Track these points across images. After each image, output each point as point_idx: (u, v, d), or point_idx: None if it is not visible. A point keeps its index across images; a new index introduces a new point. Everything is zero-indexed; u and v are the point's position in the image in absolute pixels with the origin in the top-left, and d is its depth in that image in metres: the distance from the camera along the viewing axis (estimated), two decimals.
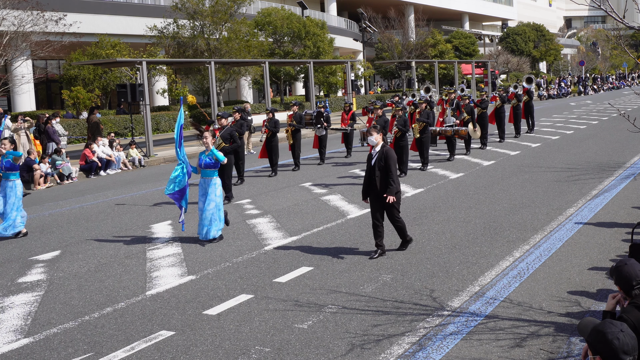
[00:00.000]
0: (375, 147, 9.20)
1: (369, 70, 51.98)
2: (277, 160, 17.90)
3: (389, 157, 9.05)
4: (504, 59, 60.93)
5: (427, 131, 17.13)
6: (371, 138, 9.21)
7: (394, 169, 9.05)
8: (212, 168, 10.72)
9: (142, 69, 24.11)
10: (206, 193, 10.62)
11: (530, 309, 7.05)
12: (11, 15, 24.33)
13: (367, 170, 9.31)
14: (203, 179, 10.76)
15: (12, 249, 11.05)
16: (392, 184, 9.01)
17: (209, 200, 10.56)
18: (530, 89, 25.35)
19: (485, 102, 21.70)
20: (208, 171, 10.73)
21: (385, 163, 9.03)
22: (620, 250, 9.06)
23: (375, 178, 9.04)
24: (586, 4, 7.79)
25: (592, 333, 3.54)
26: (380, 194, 9.07)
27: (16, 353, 6.59)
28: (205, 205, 10.58)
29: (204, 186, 10.71)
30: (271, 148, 17.75)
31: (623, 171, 15.58)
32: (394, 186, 9.02)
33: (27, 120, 20.50)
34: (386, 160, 9.04)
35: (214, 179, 10.69)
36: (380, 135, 9.26)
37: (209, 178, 10.70)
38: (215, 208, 10.58)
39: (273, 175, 17.65)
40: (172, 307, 7.66)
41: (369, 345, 6.30)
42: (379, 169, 9.04)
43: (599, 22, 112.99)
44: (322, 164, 19.50)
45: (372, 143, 9.25)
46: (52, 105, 39.41)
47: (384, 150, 9.13)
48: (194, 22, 34.99)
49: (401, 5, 64.80)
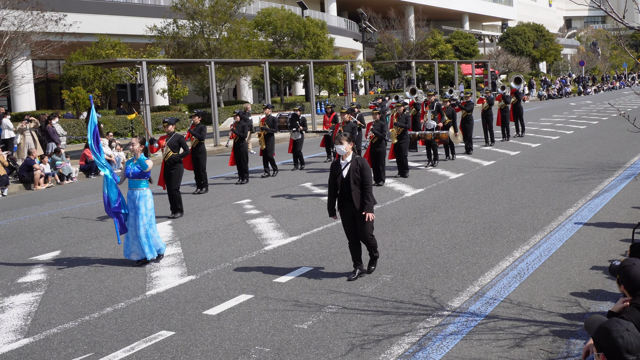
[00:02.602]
0: (345, 157, 8.20)
1: (369, 70, 51.98)
2: (247, 167, 16.88)
3: (365, 169, 8.11)
4: (504, 59, 60.94)
5: (406, 136, 16.13)
6: (340, 147, 8.15)
7: (371, 182, 8.22)
8: (140, 178, 9.54)
9: (142, 69, 24.11)
10: (136, 207, 9.45)
11: (530, 309, 7.05)
12: (11, 15, 24.32)
13: (333, 183, 8.22)
14: (131, 191, 9.57)
15: (12, 249, 11.05)
16: (369, 200, 8.11)
17: (139, 214, 9.40)
18: (518, 90, 24.15)
19: (470, 104, 20.31)
20: (136, 181, 9.54)
21: (361, 175, 8.07)
22: (620, 250, 9.06)
23: (352, 192, 8.06)
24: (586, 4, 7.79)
25: (597, 330, 3.56)
26: (357, 212, 8.11)
27: (16, 353, 6.59)
28: (135, 221, 9.43)
29: (132, 199, 9.51)
30: (240, 154, 16.64)
31: (623, 171, 15.58)
32: (371, 201, 8.15)
33: (33, 120, 20.51)
34: (362, 172, 8.08)
35: (143, 191, 9.54)
36: (351, 144, 8.21)
37: (138, 189, 9.52)
38: (148, 224, 9.44)
39: (245, 182, 16.61)
40: (172, 307, 7.66)
41: (369, 345, 6.30)
42: (354, 182, 8.06)
43: (599, 22, 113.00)
44: (297, 170, 18.55)
45: (341, 153, 8.18)
46: (52, 105, 39.40)
47: (359, 162, 8.15)
48: (193, 22, 35.00)
49: (401, 5, 64.80)
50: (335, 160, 8.35)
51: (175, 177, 12.83)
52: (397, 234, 10.55)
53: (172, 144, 12.93)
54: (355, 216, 8.15)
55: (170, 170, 12.85)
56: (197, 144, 15.14)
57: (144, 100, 23.59)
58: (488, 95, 22.06)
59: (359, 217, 8.12)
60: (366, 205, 8.07)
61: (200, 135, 15.09)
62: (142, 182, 9.56)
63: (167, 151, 12.90)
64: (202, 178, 15.41)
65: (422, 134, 17.60)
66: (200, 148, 15.19)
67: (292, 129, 18.65)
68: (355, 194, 8.06)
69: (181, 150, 12.91)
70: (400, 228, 10.98)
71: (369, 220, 8.10)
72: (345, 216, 8.26)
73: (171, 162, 12.86)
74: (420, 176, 16.37)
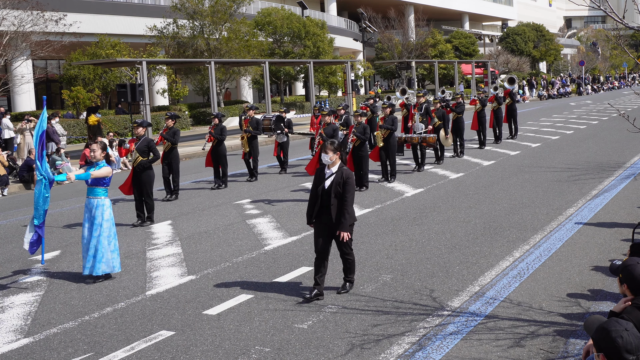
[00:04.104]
0: (331, 167, 7.68)
1: (369, 70, 51.99)
2: (227, 170, 16.16)
3: (348, 184, 7.55)
4: (504, 59, 60.93)
5: (393, 139, 15.41)
6: (325, 157, 7.66)
7: (352, 197, 7.61)
8: (99, 185, 8.88)
9: (142, 69, 24.13)
10: (93, 217, 8.82)
11: (530, 309, 7.05)
12: (11, 15, 24.34)
13: (315, 192, 7.70)
14: (88, 199, 8.92)
15: (12, 248, 11.05)
16: (347, 216, 7.54)
17: (95, 225, 8.76)
18: (512, 90, 23.39)
19: (461, 106, 19.32)
20: (96, 189, 8.88)
21: (343, 189, 7.54)
22: (621, 250, 9.06)
23: (331, 206, 7.53)
24: (586, 4, 7.79)
25: (597, 330, 3.56)
26: (334, 226, 7.59)
27: (16, 353, 6.59)
28: (91, 233, 8.79)
29: (89, 208, 8.89)
30: (218, 157, 15.91)
31: (623, 171, 15.58)
32: (348, 218, 7.56)
33: (32, 120, 20.51)
34: (345, 186, 7.54)
35: (101, 199, 8.88)
36: (337, 154, 7.67)
37: (96, 198, 8.88)
38: (104, 236, 8.78)
39: (223, 187, 15.93)
40: (172, 307, 7.66)
41: (368, 345, 6.30)
42: (335, 195, 7.54)
43: (599, 22, 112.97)
44: (284, 173, 17.91)
45: (325, 162, 7.68)
46: (52, 105, 39.38)
47: (344, 174, 7.59)
48: (193, 22, 35.00)
49: (401, 5, 64.78)
50: (321, 168, 7.82)
51: (145, 183, 12.12)
52: (397, 234, 10.56)
53: (141, 149, 12.18)
54: (332, 229, 7.61)
55: (139, 176, 12.11)
56: (169, 148, 14.47)
57: (144, 100, 23.60)
58: (480, 96, 21.35)
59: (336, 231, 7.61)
60: (342, 224, 7.52)
61: (173, 139, 14.34)
62: (101, 191, 8.90)
63: (136, 156, 12.14)
64: (174, 184, 14.67)
65: (408, 137, 16.86)
66: (173, 153, 14.50)
67: (276, 131, 18.02)
68: (334, 208, 7.55)
69: (151, 155, 12.21)
70: (400, 228, 10.98)
71: (342, 239, 7.58)
72: (319, 228, 7.68)
73: (140, 168, 12.11)
74: (420, 176, 16.36)
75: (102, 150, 9.01)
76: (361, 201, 13.42)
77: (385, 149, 15.38)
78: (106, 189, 8.95)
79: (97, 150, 8.93)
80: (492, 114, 22.11)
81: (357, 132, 14.39)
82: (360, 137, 14.42)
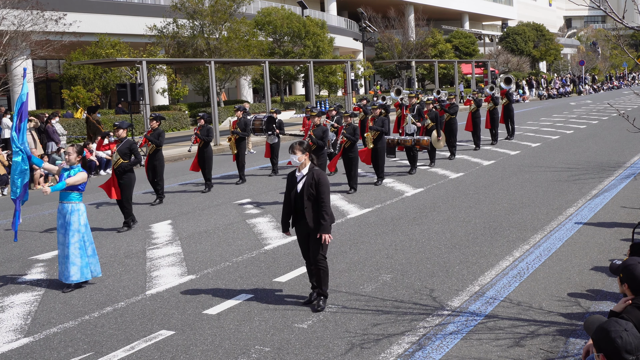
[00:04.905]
0: (301, 169, 7.33)
1: (369, 70, 52.00)
2: (211, 174, 15.69)
3: (321, 184, 7.16)
4: (504, 58, 60.95)
5: (382, 140, 15.10)
6: (293, 158, 7.28)
7: (328, 197, 7.23)
8: (73, 190, 8.59)
9: (142, 69, 24.13)
10: (67, 223, 8.51)
11: (530, 308, 7.06)
12: (11, 15, 24.33)
13: (288, 197, 7.36)
14: (62, 204, 8.62)
15: (12, 248, 11.05)
16: (326, 217, 7.15)
17: (71, 231, 8.47)
18: (509, 90, 22.90)
19: (454, 107, 18.94)
20: (70, 194, 8.59)
21: (316, 191, 7.15)
22: (621, 250, 9.06)
23: (305, 209, 7.18)
24: (586, 4, 7.79)
25: (596, 331, 3.57)
26: (312, 230, 7.22)
27: (16, 352, 6.59)
28: (67, 238, 8.49)
29: (62, 213, 8.59)
30: (204, 159, 15.44)
31: (623, 171, 15.58)
32: (327, 221, 7.16)
33: (32, 119, 20.50)
34: (317, 187, 7.14)
35: (76, 204, 8.59)
36: (306, 155, 7.30)
37: (70, 203, 8.57)
38: (80, 241, 8.52)
39: (207, 190, 15.46)
40: (172, 306, 7.67)
41: (368, 345, 6.31)
42: (308, 198, 7.17)
43: (599, 22, 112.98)
44: (275, 175, 17.51)
45: (294, 164, 7.30)
46: (52, 104, 39.39)
47: (315, 175, 7.21)
48: (193, 21, 35.00)
49: (401, 5, 64.77)
50: (292, 172, 7.45)
51: (125, 187, 11.72)
52: (397, 234, 10.56)
53: (122, 151, 11.79)
54: (310, 235, 7.27)
55: (120, 179, 11.74)
56: (154, 150, 13.95)
57: (143, 99, 23.60)
58: (475, 97, 20.92)
59: (313, 236, 7.23)
60: (322, 226, 7.13)
61: (157, 141, 13.81)
62: (75, 195, 8.60)
63: (117, 158, 11.77)
64: (159, 187, 14.19)
65: (401, 140, 16.41)
66: (157, 155, 13.96)
67: (267, 132, 17.68)
68: (309, 211, 7.17)
69: (133, 157, 11.88)
70: (400, 228, 10.99)
71: (324, 242, 7.18)
72: (299, 234, 7.40)
73: (121, 171, 11.74)
74: (420, 176, 16.36)
75: (78, 154, 8.79)
76: (361, 201, 13.43)
77: (375, 150, 15.07)
78: (80, 193, 8.68)
79: (72, 154, 8.70)
80: (488, 114, 21.69)
81: (347, 134, 14.19)
82: (350, 138, 14.20)
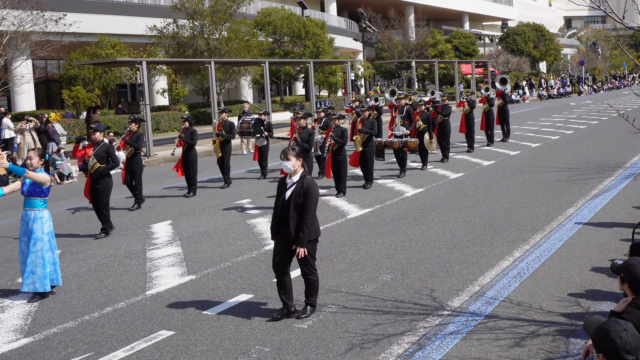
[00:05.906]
0: (292, 176, 7.05)
1: (369, 70, 52.00)
2: (196, 179, 15.31)
3: (309, 194, 6.86)
4: (504, 59, 60.95)
5: (372, 143, 14.76)
6: (287, 164, 6.97)
7: (313, 210, 6.91)
8: (36, 196, 8.30)
9: (142, 69, 24.13)
10: (30, 230, 8.25)
11: (530, 308, 7.06)
12: (11, 15, 24.34)
13: (277, 203, 7.09)
14: (25, 211, 8.34)
15: (12, 248, 11.06)
16: (305, 231, 6.83)
17: (34, 239, 8.20)
18: (504, 91, 22.68)
19: (447, 108, 18.52)
20: (32, 200, 8.31)
21: (304, 201, 6.86)
22: (621, 250, 9.06)
23: (289, 219, 6.89)
24: (586, 4, 7.79)
25: (596, 331, 3.57)
26: (293, 240, 6.93)
27: (16, 353, 6.59)
28: (29, 247, 8.22)
29: (25, 220, 8.30)
30: (187, 163, 15.03)
31: (623, 171, 15.59)
32: (307, 233, 6.84)
33: (32, 120, 20.51)
34: (306, 197, 6.86)
35: (39, 211, 8.31)
36: (299, 161, 7.00)
37: (33, 210, 8.30)
38: (43, 250, 8.21)
39: (191, 195, 15.06)
40: (172, 307, 7.66)
41: (368, 345, 6.31)
42: (294, 207, 6.88)
43: (599, 22, 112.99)
44: (263, 178, 17.23)
45: (287, 170, 7.03)
46: (52, 105, 39.40)
47: (304, 183, 6.91)
48: (193, 22, 35.00)
49: (401, 5, 64.80)
50: (283, 177, 7.18)
51: (102, 192, 11.39)
52: (397, 234, 10.56)
53: (99, 155, 11.37)
54: (292, 244, 6.96)
55: (96, 184, 11.39)
56: (132, 154, 13.63)
57: (144, 100, 23.61)
58: (469, 98, 20.45)
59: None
60: (299, 239, 6.83)
61: (136, 144, 13.53)
62: (38, 202, 8.32)
63: (94, 162, 11.35)
64: (137, 192, 13.88)
65: (389, 142, 16.08)
66: (136, 159, 13.66)
67: (255, 135, 17.24)
68: (293, 221, 6.88)
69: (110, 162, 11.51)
70: (400, 228, 10.99)
71: (297, 255, 6.88)
72: (279, 243, 7.04)
73: (97, 175, 11.37)
74: (420, 176, 16.36)
75: (40, 158, 8.57)
76: (361, 201, 13.43)
77: (363, 153, 14.70)
78: (44, 199, 8.40)
79: (34, 158, 8.50)
80: (484, 115, 21.37)
81: (335, 136, 13.85)
82: (338, 140, 13.86)
